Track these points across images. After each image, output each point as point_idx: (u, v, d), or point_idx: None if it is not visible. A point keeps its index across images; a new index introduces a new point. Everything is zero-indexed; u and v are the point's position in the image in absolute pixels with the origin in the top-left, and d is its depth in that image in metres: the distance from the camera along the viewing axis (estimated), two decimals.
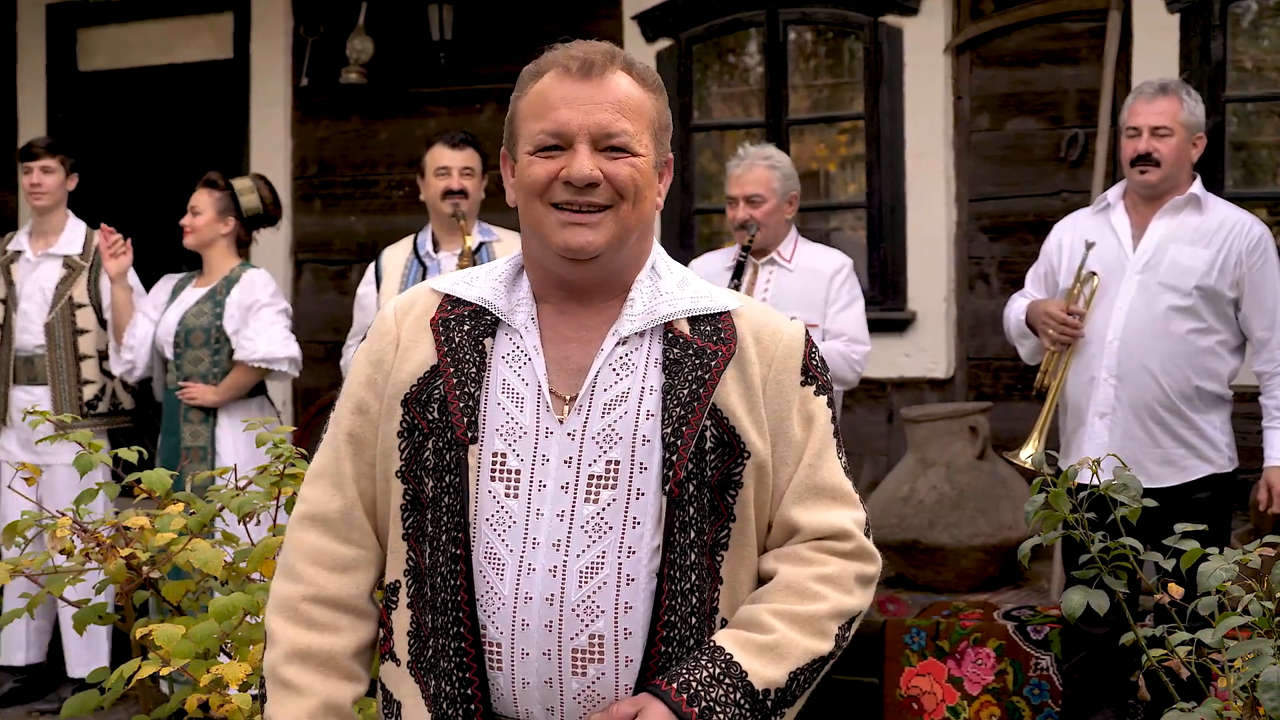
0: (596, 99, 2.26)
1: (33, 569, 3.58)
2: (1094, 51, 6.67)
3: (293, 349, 6.30)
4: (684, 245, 7.37)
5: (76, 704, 3.59)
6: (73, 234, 6.71)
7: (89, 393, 6.56)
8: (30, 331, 6.57)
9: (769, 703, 2.23)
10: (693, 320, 2.33)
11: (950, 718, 5.64)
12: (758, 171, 5.59)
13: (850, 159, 7.46)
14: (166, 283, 6.49)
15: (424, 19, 7.61)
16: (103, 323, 6.60)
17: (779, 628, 2.26)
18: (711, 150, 7.59)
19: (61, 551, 3.50)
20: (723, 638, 2.25)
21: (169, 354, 6.26)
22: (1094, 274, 5.07)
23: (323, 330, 7.90)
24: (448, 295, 2.38)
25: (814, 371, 2.38)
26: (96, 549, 3.52)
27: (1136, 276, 5.01)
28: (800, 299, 5.52)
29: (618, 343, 2.31)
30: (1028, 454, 5.10)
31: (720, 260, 5.74)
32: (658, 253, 2.41)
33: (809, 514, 2.34)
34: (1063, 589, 5.35)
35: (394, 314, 2.40)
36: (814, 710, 5.50)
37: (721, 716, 2.18)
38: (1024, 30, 6.84)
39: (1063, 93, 6.78)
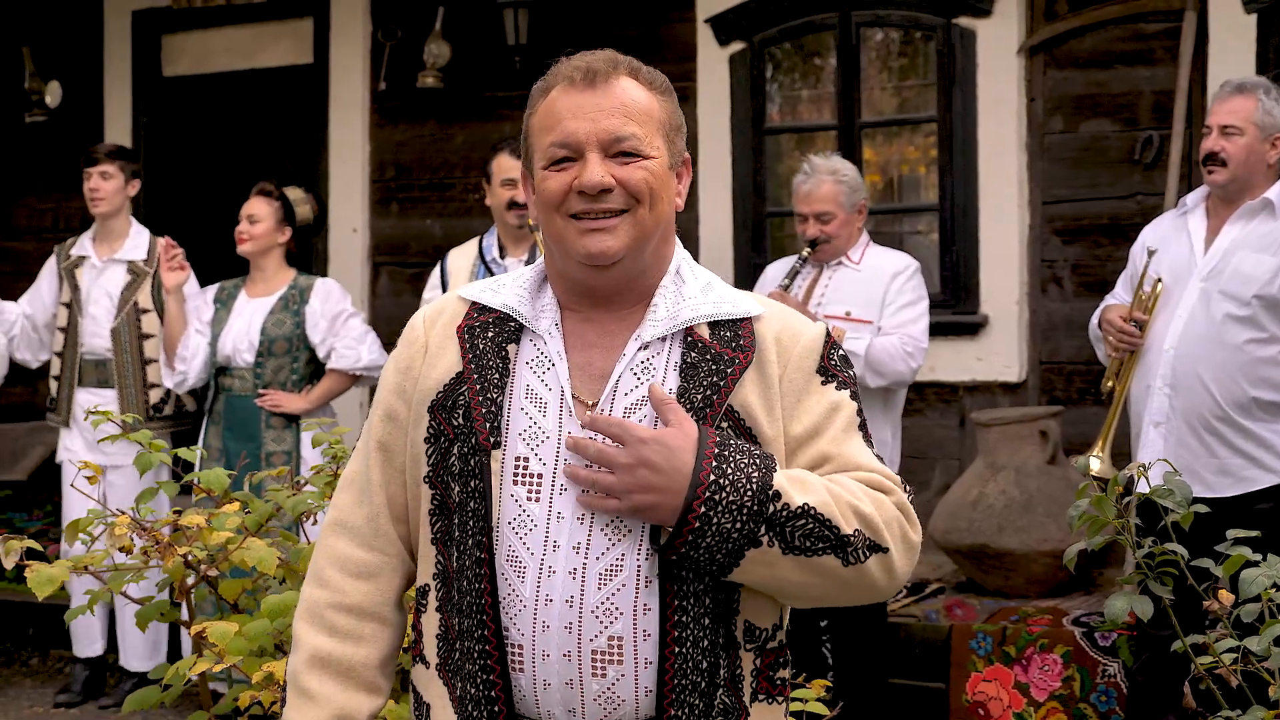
0: (602, 106, 2.28)
1: (95, 566, 3.65)
2: (1169, 53, 6.60)
3: (386, 357, 6.47)
4: (756, 249, 7.37)
5: (138, 699, 3.65)
6: (137, 240, 6.81)
7: (155, 396, 6.68)
8: (100, 335, 6.69)
9: (771, 507, 2.19)
10: (713, 325, 2.34)
11: None
12: (825, 188, 5.53)
13: (924, 162, 7.43)
14: (206, 293, 6.62)
15: (500, 23, 7.66)
16: None
17: (815, 480, 2.24)
18: (785, 153, 7.58)
19: (121, 549, 3.57)
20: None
21: (242, 362, 6.41)
22: (1159, 280, 5.01)
23: (399, 333, 7.95)
24: (475, 303, 2.41)
25: (832, 370, 2.36)
26: (155, 547, 3.58)
27: (1200, 284, 4.93)
28: (857, 295, 5.50)
29: (640, 347, 2.33)
30: (1090, 461, 5.08)
31: (790, 261, 5.74)
32: (682, 256, 2.41)
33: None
34: None
35: (422, 322, 2.44)
36: (880, 714, 5.50)
37: (733, 478, 2.18)
38: (1098, 31, 6.78)
39: (1138, 94, 6.71)
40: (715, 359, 2.30)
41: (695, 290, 2.37)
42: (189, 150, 8.76)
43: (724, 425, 2.27)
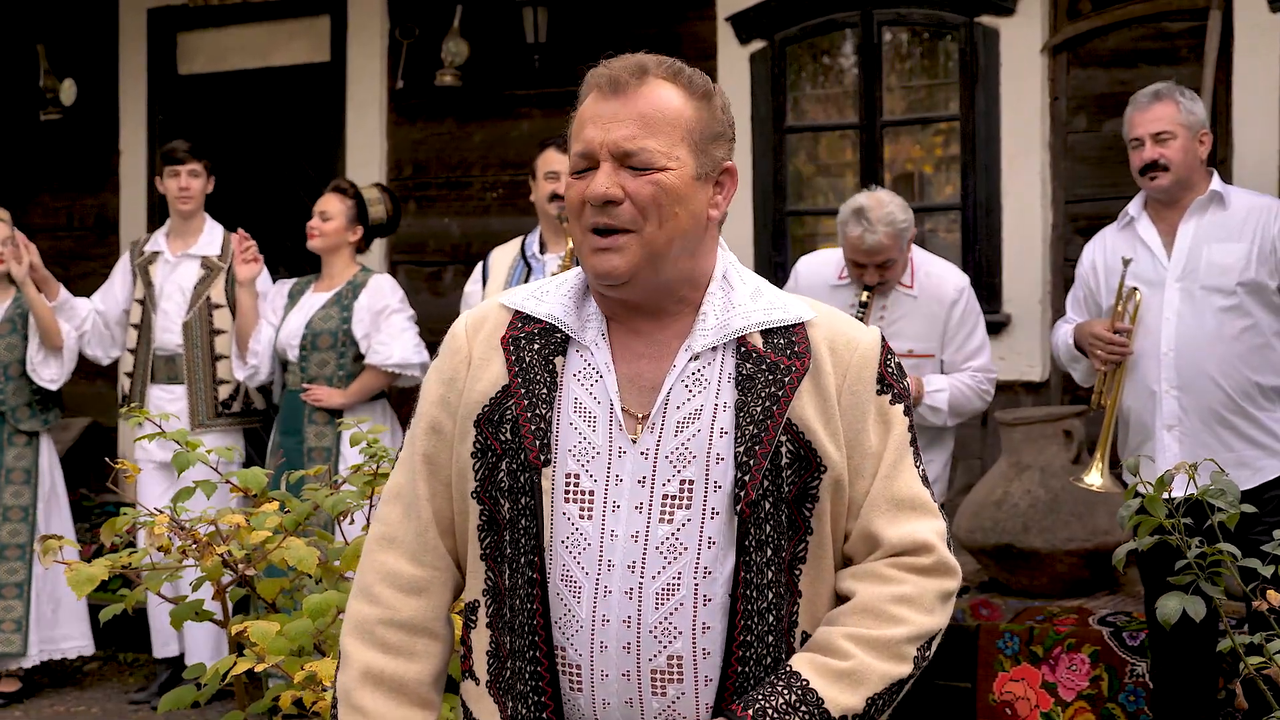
0: (620, 115, 2.23)
1: (133, 565, 3.64)
2: (1194, 52, 6.58)
3: (424, 355, 6.45)
4: (776, 248, 7.35)
5: (173, 698, 3.64)
6: (211, 236, 6.86)
7: (224, 392, 6.68)
8: (171, 331, 6.72)
9: None
10: (766, 333, 2.28)
11: None
12: (886, 240, 5.22)
13: (946, 160, 7.41)
14: (282, 287, 6.63)
15: (518, 21, 7.64)
16: None
17: (856, 653, 2.21)
18: (806, 152, 7.56)
19: (159, 549, 3.55)
20: (799, 662, 2.22)
21: (292, 357, 6.42)
22: (1135, 289, 5.03)
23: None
24: (518, 312, 2.36)
25: (890, 380, 2.32)
26: (194, 546, 3.56)
27: (1177, 284, 4.99)
28: (916, 329, 5.38)
29: (690, 358, 2.27)
30: (1093, 478, 5.10)
31: (826, 265, 5.58)
32: (729, 261, 2.35)
33: (891, 526, 2.28)
34: (1144, 596, 5.29)
35: (465, 331, 2.38)
36: (907, 715, 5.47)
37: None
38: (1122, 30, 6.76)
39: None
40: (771, 368, 2.25)
41: (744, 296, 2.32)
42: (205, 149, 8.72)
43: (784, 438, 2.23)
